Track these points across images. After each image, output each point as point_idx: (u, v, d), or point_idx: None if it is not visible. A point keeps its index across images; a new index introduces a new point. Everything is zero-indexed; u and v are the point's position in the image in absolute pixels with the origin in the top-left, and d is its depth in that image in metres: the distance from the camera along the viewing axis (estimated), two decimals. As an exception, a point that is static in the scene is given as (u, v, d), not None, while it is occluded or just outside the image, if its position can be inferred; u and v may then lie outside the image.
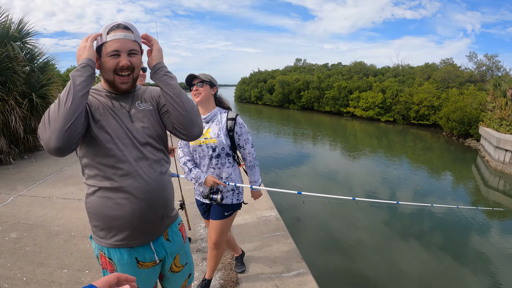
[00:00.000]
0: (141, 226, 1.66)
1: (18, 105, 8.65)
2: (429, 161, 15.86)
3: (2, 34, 8.64)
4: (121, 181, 1.59)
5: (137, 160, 1.63)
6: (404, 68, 39.61)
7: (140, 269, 1.73)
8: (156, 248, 1.77)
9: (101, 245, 1.69)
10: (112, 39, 1.56)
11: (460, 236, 7.44)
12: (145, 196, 1.63)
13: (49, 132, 1.37)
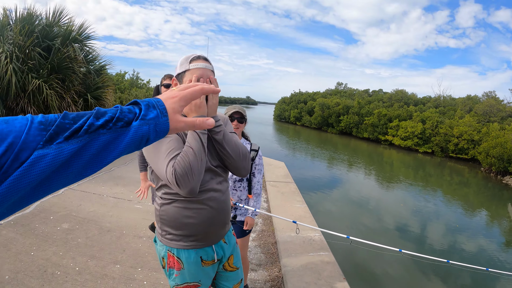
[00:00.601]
0: (210, 232, 1.91)
1: (74, 103, 9.10)
2: (465, 196, 15.53)
3: (64, 35, 9.14)
4: (199, 195, 1.81)
5: (213, 177, 1.89)
6: (445, 99, 39.08)
7: (204, 267, 1.94)
8: (217, 250, 1.98)
9: (171, 246, 1.90)
10: (195, 67, 1.79)
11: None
12: (218, 206, 1.89)
13: (193, 183, 1.66)
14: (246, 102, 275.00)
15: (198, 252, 1.91)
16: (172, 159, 1.68)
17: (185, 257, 1.89)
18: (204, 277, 1.97)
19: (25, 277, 3.50)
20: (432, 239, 9.45)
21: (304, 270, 3.93)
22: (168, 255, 1.92)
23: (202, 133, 1.74)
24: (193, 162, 1.66)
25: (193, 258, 1.90)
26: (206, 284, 2.00)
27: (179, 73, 1.84)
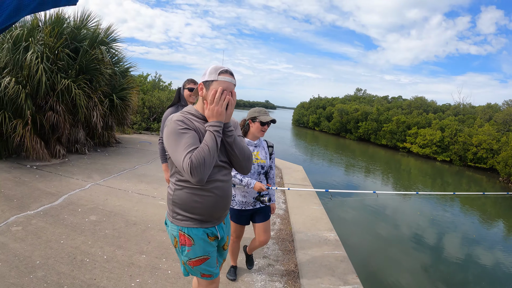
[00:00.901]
0: (214, 215, 2.28)
1: (100, 103, 9.45)
2: (482, 206, 15.43)
3: (92, 37, 9.50)
4: (207, 184, 2.17)
5: (219, 170, 2.24)
6: (465, 107, 38.58)
7: (210, 241, 2.32)
8: (219, 229, 2.38)
9: (182, 226, 2.25)
10: (223, 79, 2.14)
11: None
12: (222, 194, 2.26)
13: (205, 173, 2.02)
14: (265, 106, 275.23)
15: (205, 230, 2.28)
16: (190, 152, 2.00)
17: (195, 234, 2.24)
18: (211, 250, 2.34)
19: (56, 262, 3.77)
20: (448, 250, 9.48)
21: (319, 267, 4.13)
22: (180, 234, 2.26)
23: (218, 136, 2.10)
24: (207, 157, 2.01)
25: (201, 235, 2.26)
26: (214, 256, 2.37)
27: (207, 81, 2.15)
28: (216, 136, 2.09)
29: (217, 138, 2.09)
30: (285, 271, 4.17)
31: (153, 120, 15.91)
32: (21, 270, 3.52)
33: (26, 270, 3.52)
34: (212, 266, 2.34)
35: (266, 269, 4.20)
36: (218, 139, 2.10)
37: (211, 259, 2.33)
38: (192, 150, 2.01)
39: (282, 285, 3.85)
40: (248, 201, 3.54)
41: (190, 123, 2.15)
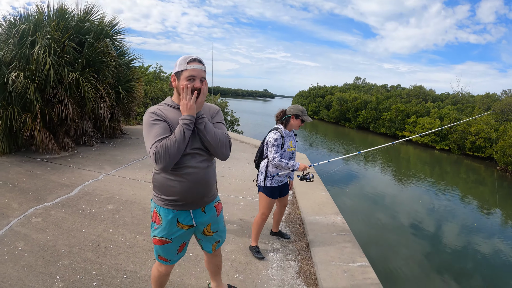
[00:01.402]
0: (187, 199, 2.40)
1: (107, 95, 9.61)
2: (480, 195, 15.65)
3: (97, 30, 9.62)
4: (179, 170, 2.32)
5: (193, 157, 2.35)
6: (464, 96, 38.77)
7: (177, 228, 2.47)
8: (194, 215, 2.51)
9: (157, 204, 2.45)
10: (191, 68, 2.27)
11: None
12: (194, 180, 2.37)
13: (168, 162, 2.19)
14: (263, 95, 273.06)
15: (176, 214, 2.43)
16: (157, 141, 2.18)
17: (164, 215, 2.43)
18: (175, 236, 2.49)
19: (80, 250, 3.95)
20: (447, 237, 9.70)
21: (328, 247, 4.39)
22: (154, 211, 2.49)
23: (187, 128, 2.24)
24: (172, 148, 2.17)
25: (170, 218, 2.43)
26: (177, 242, 2.53)
27: (178, 71, 2.31)
28: (185, 129, 2.22)
29: (186, 130, 2.22)
30: (298, 251, 4.43)
31: (156, 110, 16.01)
32: (47, 259, 3.67)
33: (52, 259, 3.67)
34: (170, 252, 2.55)
35: (280, 250, 4.46)
36: (187, 131, 2.23)
37: (171, 245, 2.51)
38: (159, 140, 2.19)
39: (296, 264, 4.11)
40: (282, 179, 4.21)
41: (162, 115, 2.32)
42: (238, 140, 12.94)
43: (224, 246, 4.41)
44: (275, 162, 3.95)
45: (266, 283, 3.64)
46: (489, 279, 7.46)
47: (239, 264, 4.00)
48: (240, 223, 5.24)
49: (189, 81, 2.28)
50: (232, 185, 7.15)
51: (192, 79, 2.28)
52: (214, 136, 2.34)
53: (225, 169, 8.36)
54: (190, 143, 2.32)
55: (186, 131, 2.23)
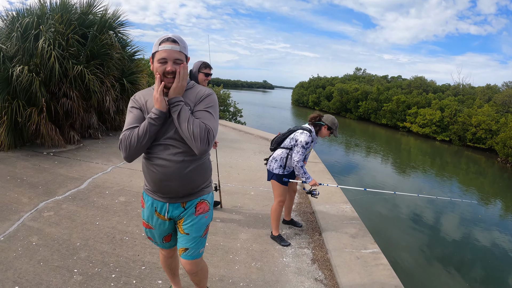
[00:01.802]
0: (160, 190, 2.28)
1: (112, 87, 9.61)
2: (480, 186, 15.68)
3: (100, 23, 9.60)
4: (151, 159, 2.21)
5: (166, 148, 2.18)
6: (464, 88, 38.74)
7: (156, 216, 2.40)
8: (170, 208, 2.34)
9: (143, 189, 2.43)
10: (162, 49, 2.08)
11: None
12: (166, 173, 2.19)
13: (127, 153, 2.13)
14: (263, 86, 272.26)
15: (153, 202, 2.36)
16: (126, 130, 2.12)
17: (146, 200, 2.41)
18: (155, 224, 2.43)
19: (96, 243, 3.93)
20: (448, 228, 9.75)
21: (340, 234, 4.47)
22: (142, 195, 2.48)
23: (151, 123, 2.08)
24: (133, 140, 2.08)
25: (150, 205, 2.38)
26: (159, 231, 2.47)
27: (152, 53, 2.15)
28: (148, 125, 2.08)
29: (149, 126, 2.08)
30: (311, 239, 4.50)
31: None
32: (63, 253, 3.64)
33: (68, 253, 3.64)
34: (155, 237, 2.53)
35: (294, 238, 4.53)
36: (151, 127, 2.08)
37: (154, 231, 2.47)
38: (128, 129, 2.12)
39: (310, 251, 4.18)
40: None
41: (140, 101, 2.23)
42: (243, 131, 13.01)
43: (239, 235, 4.47)
44: (298, 165, 4.04)
45: (283, 270, 3.71)
46: (490, 268, 7.53)
47: (255, 252, 4.06)
48: (252, 212, 5.29)
49: (160, 64, 2.10)
50: (241, 176, 7.20)
51: (163, 62, 2.09)
52: (188, 126, 2.09)
53: (232, 160, 8.40)
54: (163, 133, 2.17)
55: (150, 127, 2.09)
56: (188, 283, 3.31)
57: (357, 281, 3.45)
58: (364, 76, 55.43)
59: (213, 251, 4.00)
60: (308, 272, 3.72)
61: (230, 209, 5.35)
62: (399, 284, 3.44)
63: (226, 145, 10.24)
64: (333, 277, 3.63)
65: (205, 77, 4.45)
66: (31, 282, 3.10)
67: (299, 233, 4.66)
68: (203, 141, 2.09)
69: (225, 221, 4.91)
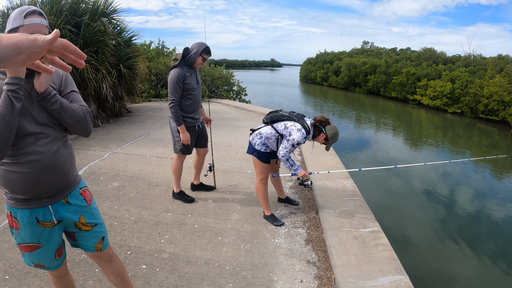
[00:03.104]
0: (38, 193, 1.88)
1: (108, 74, 9.49)
2: (494, 160, 15.36)
3: (92, 11, 9.44)
4: (20, 158, 1.79)
5: (37, 138, 1.81)
6: (475, 58, 37.76)
7: (41, 228, 1.96)
8: (55, 209, 1.98)
9: (9, 205, 1.94)
10: (30, 23, 1.68)
11: None
12: (42, 167, 1.84)
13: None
14: (271, 65, 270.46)
15: (32, 212, 1.92)
16: None
17: (20, 217, 1.92)
18: (43, 238, 2.00)
19: None
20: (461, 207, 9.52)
21: (338, 212, 4.25)
22: (8, 214, 1.97)
23: (15, 97, 1.63)
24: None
25: (27, 218, 1.92)
26: (50, 246, 2.05)
27: (11, 29, 1.70)
28: (12, 97, 1.62)
29: (14, 99, 1.62)
30: (307, 218, 4.30)
31: (161, 86, 15.90)
32: None
33: None
34: (46, 257, 2.07)
35: (288, 217, 4.34)
36: (16, 100, 1.63)
37: (44, 249, 2.03)
38: None
39: (305, 231, 3.99)
40: None
41: None
42: (246, 109, 12.89)
43: (230, 215, 4.33)
44: (284, 159, 3.82)
45: (273, 252, 3.54)
46: (502, 244, 7.31)
47: (245, 233, 3.90)
48: (247, 191, 5.13)
49: None
50: (239, 154, 7.04)
51: None
52: (74, 114, 1.89)
53: (232, 138, 8.31)
54: (31, 120, 1.79)
55: (15, 100, 1.62)
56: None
57: (353, 263, 3.23)
58: (372, 49, 54.46)
59: (202, 233, 3.86)
60: (300, 253, 3.53)
61: (224, 188, 5.21)
62: (399, 266, 3.20)
63: (227, 124, 10.14)
64: (327, 259, 3.43)
65: (202, 62, 4.33)
66: (20, 271, 3.08)
67: (295, 212, 4.48)
68: (89, 123, 1.99)
69: (217, 201, 4.77)
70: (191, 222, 4.10)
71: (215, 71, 17.33)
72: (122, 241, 3.64)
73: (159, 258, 3.35)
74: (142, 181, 5.36)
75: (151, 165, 6.15)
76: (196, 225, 4.04)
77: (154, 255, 3.39)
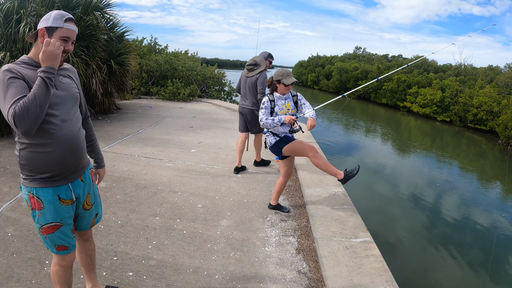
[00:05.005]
0: (62, 170, 2.12)
1: (99, 69, 9.32)
2: (481, 168, 15.50)
3: (85, 4, 9.27)
4: (51, 136, 2.03)
5: (63, 120, 2.08)
6: (466, 68, 38.14)
7: (62, 205, 2.16)
8: (73, 188, 2.21)
9: (30, 186, 2.10)
10: (68, 27, 2.05)
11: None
12: (70, 146, 2.12)
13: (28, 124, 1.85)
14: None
15: (55, 190, 2.12)
16: (15, 102, 1.82)
17: (43, 195, 2.09)
18: (64, 216, 2.18)
19: None
20: (446, 209, 9.60)
21: (330, 221, 4.18)
22: (30, 196, 2.10)
23: (50, 82, 1.91)
24: (32, 106, 1.82)
25: (51, 196, 2.10)
26: (69, 224, 2.22)
27: (51, 27, 2.02)
28: (48, 83, 1.90)
29: (49, 84, 1.90)
30: (298, 226, 4.23)
31: (151, 84, 15.69)
32: (36, 244, 3.47)
33: (41, 243, 3.46)
34: (67, 235, 2.21)
35: (279, 224, 4.26)
36: (50, 85, 1.92)
37: (64, 227, 2.19)
38: (17, 100, 1.84)
39: (296, 240, 3.91)
40: (285, 130, 4.32)
41: (18, 72, 1.95)
42: (236, 110, 12.62)
43: (220, 221, 4.23)
44: (262, 122, 4.14)
45: (263, 261, 3.45)
46: (487, 250, 7.36)
47: (235, 241, 3.81)
48: (237, 196, 5.03)
49: (62, 41, 2.04)
50: (230, 157, 6.92)
51: (66, 39, 2.06)
52: None
53: (222, 141, 8.17)
54: (59, 103, 2.07)
55: (49, 84, 1.91)
56: None
57: (344, 275, 3.17)
58: (364, 55, 54.71)
59: (191, 240, 3.76)
60: (291, 263, 3.45)
61: (213, 194, 5.09)
62: (391, 278, 3.15)
63: (218, 125, 10.01)
64: (318, 270, 3.36)
65: (269, 64, 6.26)
66: (2, 275, 2.98)
67: (285, 219, 4.39)
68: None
69: (206, 206, 4.66)
70: (179, 228, 3.99)
71: (207, 71, 17.18)
72: (108, 246, 3.52)
73: (146, 265, 3.25)
74: (130, 182, 5.23)
75: (139, 165, 6.02)
76: (185, 231, 3.94)
77: (141, 262, 3.29)
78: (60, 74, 2.17)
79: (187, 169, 6.03)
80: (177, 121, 10.12)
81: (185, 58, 17.62)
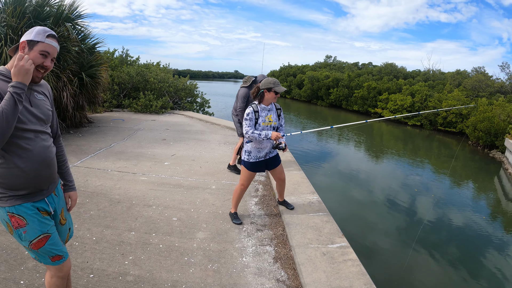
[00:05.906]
0: (38, 185, 2.12)
1: (70, 82, 9.18)
2: (452, 169, 15.87)
3: (56, 15, 9.15)
4: (24, 151, 2.02)
5: (36, 135, 2.08)
6: (435, 73, 39.19)
7: (45, 216, 2.17)
8: (49, 201, 2.23)
9: (8, 206, 2.05)
10: (49, 43, 2.06)
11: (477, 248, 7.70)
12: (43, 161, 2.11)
13: None
14: (234, 76, 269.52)
15: (34, 204, 2.11)
16: None
17: (24, 211, 2.07)
18: (50, 225, 2.18)
19: None
20: (419, 211, 9.79)
21: (306, 228, 4.23)
22: (10, 216, 2.05)
23: (18, 98, 1.88)
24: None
25: (31, 210, 2.09)
26: (55, 233, 2.21)
27: (32, 40, 2.01)
28: (17, 99, 1.86)
29: (17, 100, 1.86)
30: (274, 235, 4.26)
31: (123, 96, 15.52)
32: (10, 263, 3.39)
33: (15, 263, 3.38)
34: (58, 244, 2.21)
35: (255, 234, 4.28)
36: (19, 101, 1.88)
37: (53, 237, 2.18)
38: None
39: (272, 249, 3.94)
40: (262, 155, 4.40)
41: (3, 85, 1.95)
42: (209, 122, 12.73)
43: (196, 234, 4.22)
44: (248, 135, 4.20)
45: (242, 272, 3.46)
46: (462, 249, 7.54)
47: (212, 252, 3.80)
48: (212, 208, 5.03)
49: (41, 55, 2.04)
50: (203, 169, 6.92)
51: (45, 55, 2.05)
52: None
53: (196, 153, 8.14)
54: (32, 119, 2.05)
55: (18, 101, 1.87)
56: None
57: (323, 280, 3.21)
58: (335, 63, 55.60)
59: (167, 253, 3.73)
60: (269, 272, 3.48)
61: (188, 206, 5.06)
62: (369, 281, 3.23)
63: (191, 137, 9.96)
64: (297, 277, 3.40)
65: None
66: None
67: (261, 229, 4.42)
68: None
69: (182, 219, 4.63)
70: (155, 242, 3.96)
71: (179, 82, 17.12)
72: (84, 263, 3.45)
73: (123, 281, 3.20)
74: (103, 198, 5.15)
75: (113, 180, 5.93)
76: (161, 244, 3.90)
77: (118, 278, 3.24)
78: (36, 90, 2.16)
79: (161, 182, 5.99)
80: (150, 134, 10.03)
81: (157, 70, 17.55)
